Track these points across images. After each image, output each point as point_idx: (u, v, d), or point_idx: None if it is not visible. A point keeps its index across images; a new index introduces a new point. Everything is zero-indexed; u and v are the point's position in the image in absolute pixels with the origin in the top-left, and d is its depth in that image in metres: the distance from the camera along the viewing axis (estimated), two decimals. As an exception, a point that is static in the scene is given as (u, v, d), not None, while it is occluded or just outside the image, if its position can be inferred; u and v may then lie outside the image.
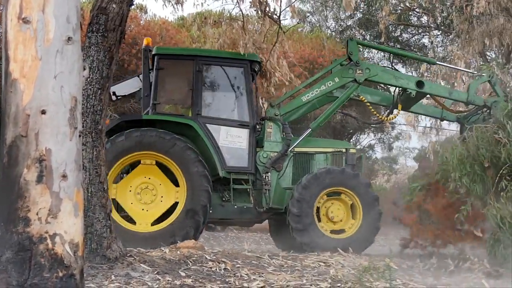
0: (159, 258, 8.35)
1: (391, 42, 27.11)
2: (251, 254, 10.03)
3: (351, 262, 10.01)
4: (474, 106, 13.18)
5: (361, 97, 13.31)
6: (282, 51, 11.62)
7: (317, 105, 13.52)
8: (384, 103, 14.10)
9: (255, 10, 11.76)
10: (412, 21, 26.84)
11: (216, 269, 8.20)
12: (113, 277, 6.88)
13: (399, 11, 25.67)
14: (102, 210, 7.55)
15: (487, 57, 25.08)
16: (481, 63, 23.70)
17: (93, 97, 7.53)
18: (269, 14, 11.25)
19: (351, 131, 29.88)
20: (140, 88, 12.48)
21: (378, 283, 8.16)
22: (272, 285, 7.42)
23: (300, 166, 12.46)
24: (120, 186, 10.98)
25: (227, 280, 7.57)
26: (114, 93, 12.45)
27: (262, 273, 8.24)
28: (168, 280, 7.12)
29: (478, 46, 21.83)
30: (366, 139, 34.29)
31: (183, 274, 7.58)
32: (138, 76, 12.57)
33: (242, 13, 11.45)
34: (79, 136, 4.31)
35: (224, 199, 11.79)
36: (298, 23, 24.45)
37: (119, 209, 10.91)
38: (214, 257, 8.93)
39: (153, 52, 11.76)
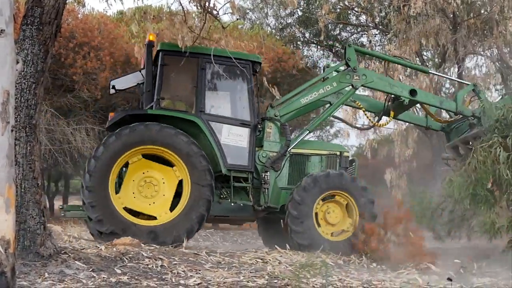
0: (94, 255, 8.22)
1: (330, 40, 27.39)
2: (188, 251, 9.96)
3: (288, 259, 10.07)
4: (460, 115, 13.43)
5: (357, 102, 13.62)
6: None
7: (311, 108, 13.93)
8: (373, 110, 14.19)
9: (194, 5, 11.65)
10: (351, 20, 27.18)
11: (152, 266, 8.14)
12: (46, 274, 6.75)
13: (338, 10, 25.98)
14: (35, 207, 7.39)
15: (423, 56, 25.62)
16: (419, 63, 24.24)
17: (27, 91, 7.36)
18: (209, 9, 11.17)
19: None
20: (139, 83, 12.51)
21: (314, 279, 8.25)
22: (209, 282, 7.40)
23: (296, 167, 12.70)
24: (123, 192, 11.03)
25: (163, 277, 7.52)
26: (113, 87, 12.56)
27: (199, 270, 8.22)
28: (103, 277, 7.02)
29: (415, 45, 22.27)
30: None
31: (118, 271, 7.49)
32: (140, 71, 12.45)
33: (182, 7, 11.32)
34: (12, 131, 4.21)
35: (221, 196, 11.97)
36: (237, 19, 24.48)
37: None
38: (151, 254, 8.85)
39: (158, 48, 11.79)
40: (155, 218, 11.00)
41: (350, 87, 12.76)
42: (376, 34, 26.75)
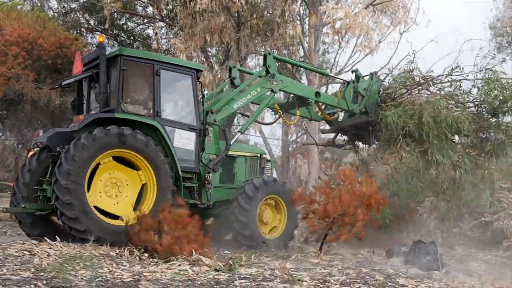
0: None
1: (116, 30, 26.89)
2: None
3: (58, 251, 9.65)
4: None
5: (275, 104, 15.44)
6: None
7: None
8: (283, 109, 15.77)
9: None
10: (137, 10, 26.88)
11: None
12: None
13: (124, -1, 25.56)
14: None
15: (208, 53, 26.04)
16: (203, 58, 24.62)
17: None
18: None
19: (70, 116, 29.08)
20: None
21: (83, 271, 7.99)
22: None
23: (226, 167, 13.96)
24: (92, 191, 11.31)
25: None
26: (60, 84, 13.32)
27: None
28: None
29: (200, 41, 22.59)
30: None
31: None
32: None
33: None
34: None
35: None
36: (17, -1, 23.24)
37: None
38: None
39: (115, 53, 12.17)
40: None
41: (271, 91, 14.35)
42: (162, 27, 26.72)
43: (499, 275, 11.82)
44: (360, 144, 17.70)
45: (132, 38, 27.66)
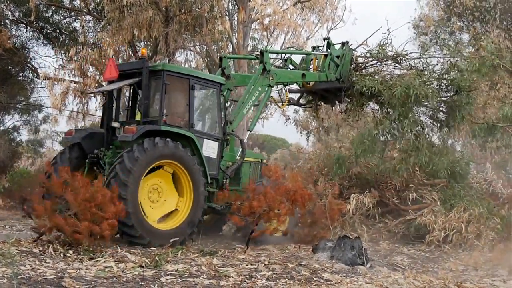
0: None
1: (41, 22, 26.22)
2: None
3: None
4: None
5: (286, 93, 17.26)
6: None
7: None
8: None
9: None
10: (64, 3, 26.27)
11: None
12: None
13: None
14: None
15: (136, 47, 25.70)
16: (131, 53, 24.31)
17: None
18: None
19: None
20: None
21: (4, 269, 7.81)
22: None
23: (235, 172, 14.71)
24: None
25: None
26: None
27: None
28: None
29: (128, 35, 22.28)
30: (11, 120, 32.78)
31: None
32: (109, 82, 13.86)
33: None
34: None
35: None
36: None
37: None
38: None
39: (159, 68, 13.31)
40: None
41: (268, 86, 15.54)
42: (90, 20, 26.19)
43: (422, 269, 12.18)
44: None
45: (58, 31, 27.00)
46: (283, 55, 17.74)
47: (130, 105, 14.07)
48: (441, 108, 17.81)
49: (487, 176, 20.20)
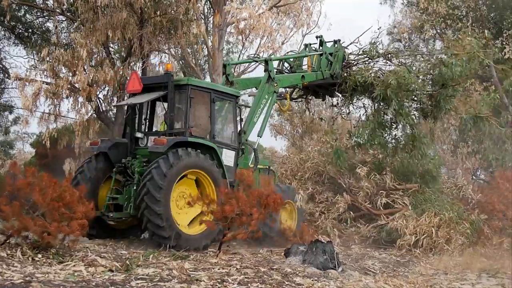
0: None
1: (14, 22, 25.90)
2: None
3: None
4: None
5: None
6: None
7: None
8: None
9: None
10: (37, 3, 25.97)
11: None
12: None
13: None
14: None
15: (110, 49, 25.54)
16: (104, 54, 24.12)
17: None
18: None
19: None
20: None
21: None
22: None
23: None
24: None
25: None
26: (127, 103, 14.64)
27: None
28: None
29: (102, 37, 22.09)
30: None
31: None
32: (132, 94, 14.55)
33: None
34: None
35: None
36: None
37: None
38: None
39: (183, 82, 14.12)
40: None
41: (273, 93, 16.44)
42: (63, 20, 25.93)
43: (393, 273, 12.27)
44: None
45: (30, 31, 26.70)
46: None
47: (148, 116, 14.83)
48: (427, 101, 18.81)
49: (458, 181, 20.48)
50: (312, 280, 9.75)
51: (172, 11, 23.42)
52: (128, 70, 23.71)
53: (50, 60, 22.27)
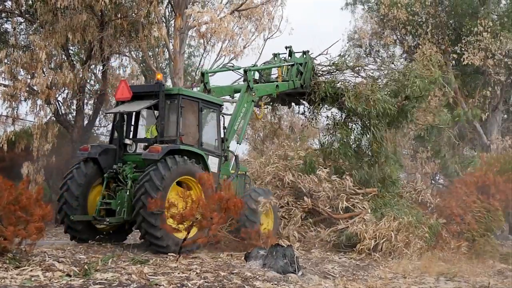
0: None
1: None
2: None
3: None
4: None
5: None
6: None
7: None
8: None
9: None
10: (-5, 4, 25.54)
11: None
12: None
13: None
14: None
15: (70, 51, 25.28)
16: (64, 57, 23.86)
17: None
18: None
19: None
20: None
21: None
22: None
23: None
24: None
25: None
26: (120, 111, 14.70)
27: None
28: None
29: (61, 39, 21.88)
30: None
31: None
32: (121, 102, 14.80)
33: None
34: None
35: None
36: None
37: None
38: None
39: (175, 92, 14.58)
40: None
41: (251, 102, 17.17)
42: (22, 22, 25.54)
43: (353, 277, 12.35)
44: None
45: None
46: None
47: (134, 123, 15.18)
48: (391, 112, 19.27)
49: (417, 185, 20.74)
50: (272, 284, 9.76)
51: (133, 14, 23.35)
52: (87, 72, 23.54)
53: (8, 62, 21.98)
